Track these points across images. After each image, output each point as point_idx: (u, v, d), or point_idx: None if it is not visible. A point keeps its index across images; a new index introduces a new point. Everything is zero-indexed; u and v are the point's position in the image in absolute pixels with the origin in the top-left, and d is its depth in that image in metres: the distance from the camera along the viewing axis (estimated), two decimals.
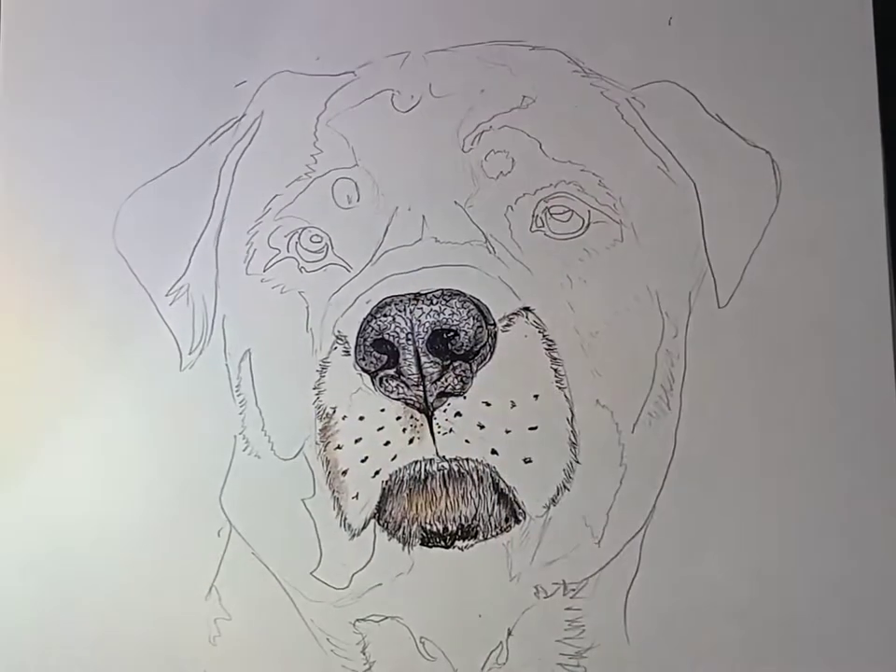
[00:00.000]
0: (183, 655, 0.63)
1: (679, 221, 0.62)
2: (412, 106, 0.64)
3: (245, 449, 0.63)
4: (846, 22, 0.63)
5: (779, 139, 0.62)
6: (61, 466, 0.64)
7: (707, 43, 0.63)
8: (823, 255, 0.62)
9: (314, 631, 0.62)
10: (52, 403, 0.65)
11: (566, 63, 0.64)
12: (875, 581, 0.60)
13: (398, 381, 0.59)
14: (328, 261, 0.63)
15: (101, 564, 0.63)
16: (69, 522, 0.64)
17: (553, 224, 0.62)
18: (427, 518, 0.60)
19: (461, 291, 0.61)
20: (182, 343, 0.64)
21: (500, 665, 0.61)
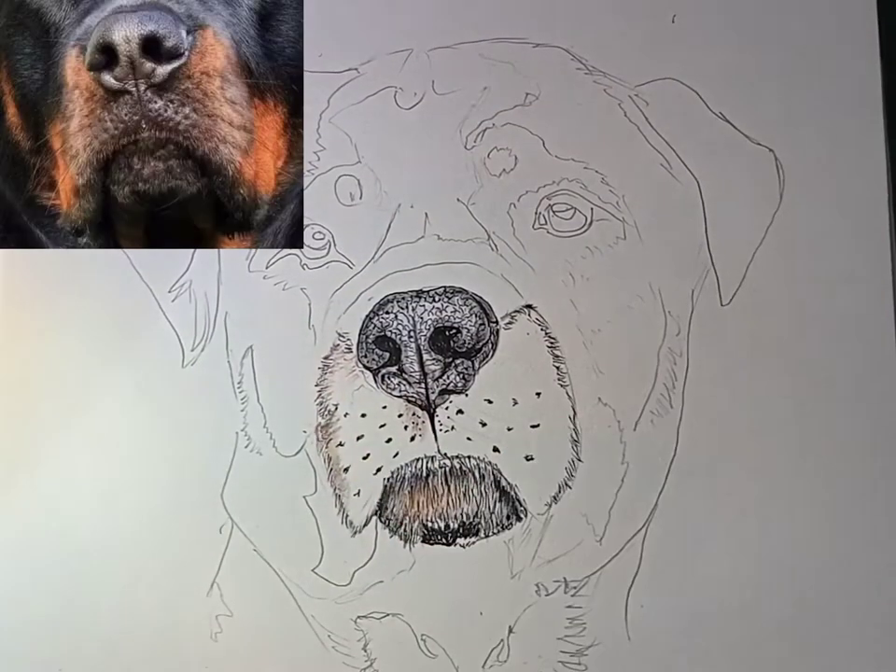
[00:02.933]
0: (185, 651, 0.63)
1: (682, 219, 0.62)
2: (415, 104, 0.64)
3: (247, 446, 0.63)
4: (850, 21, 0.63)
5: (783, 137, 0.62)
6: (63, 463, 0.64)
7: (710, 40, 0.63)
8: (826, 253, 0.62)
9: (315, 628, 0.62)
10: (55, 400, 0.65)
11: (569, 60, 0.64)
12: (875, 580, 0.60)
13: (400, 378, 0.59)
14: (330, 258, 0.63)
15: (103, 560, 0.64)
16: (71, 518, 0.64)
17: (555, 222, 0.62)
18: (428, 515, 0.60)
19: (463, 289, 0.61)
20: (184, 340, 0.64)
21: (501, 662, 0.61)
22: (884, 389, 0.60)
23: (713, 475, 0.61)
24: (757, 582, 0.60)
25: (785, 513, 0.60)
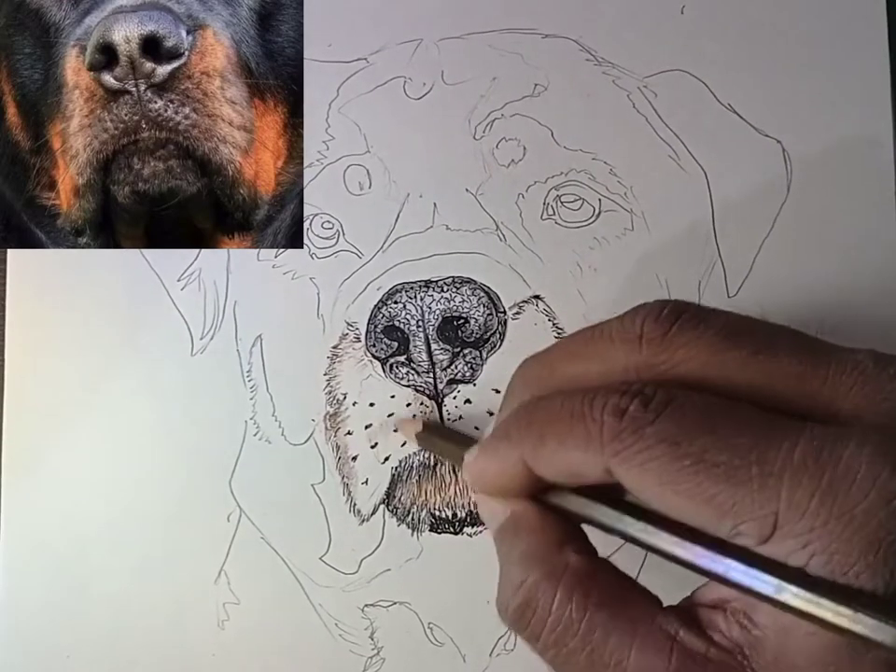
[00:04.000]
0: (192, 639, 0.63)
1: (690, 210, 0.63)
2: (424, 94, 0.64)
3: (256, 434, 0.63)
4: (859, 12, 0.63)
5: (791, 129, 0.62)
6: (71, 451, 0.64)
7: (719, 32, 0.63)
8: (834, 246, 0.62)
9: (322, 616, 0.62)
10: (62, 388, 0.65)
11: (578, 51, 0.64)
12: None
13: (408, 368, 0.59)
14: (339, 248, 0.63)
15: (110, 547, 0.64)
16: (79, 505, 0.64)
17: (563, 212, 0.62)
18: (436, 504, 0.61)
19: (472, 279, 0.61)
20: (193, 328, 0.64)
21: (508, 651, 0.61)
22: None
23: None
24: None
25: None
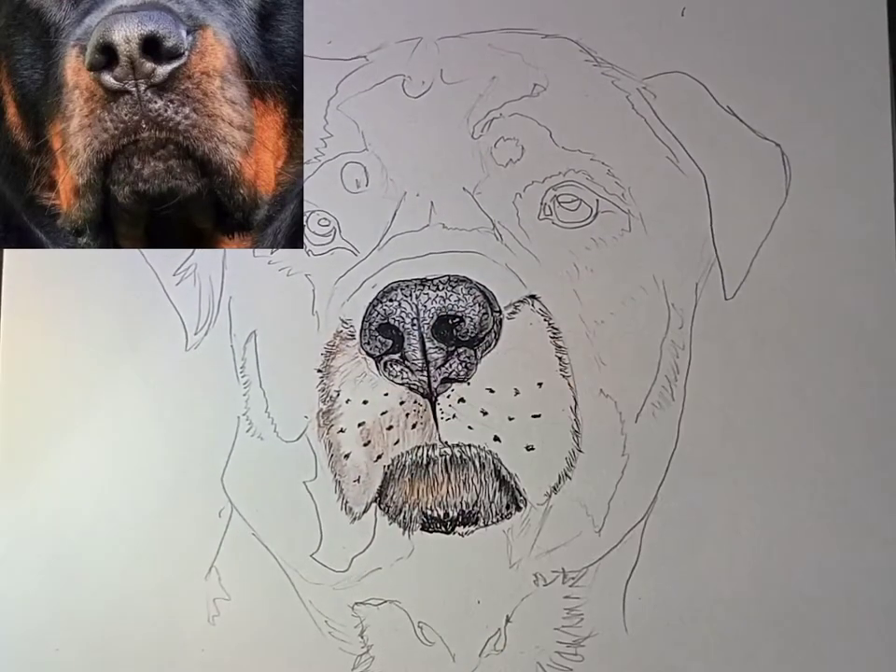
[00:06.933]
0: (182, 634, 0.63)
1: (688, 212, 0.62)
2: (422, 92, 0.64)
3: (249, 430, 0.63)
4: (859, 16, 0.63)
5: (789, 132, 0.62)
6: (64, 447, 0.64)
7: (719, 34, 0.63)
8: (831, 248, 0.61)
9: (312, 613, 0.62)
10: (58, 382, 0.65)
11: (577, 51, 0.64)
12: (874, 575, 0.59)
13: (402, 366, 0.59)
14: (335, 245, 0.63)
15: (103, 541, 0.64)
16: (71, 500, 0.64)
17: (560, 212, 0.62)
18: (428, 503, 0.60)
19: (467, 278, 0.61)
20: (188, 324, 0.64)
21: (498, 651, 0.61)
22: (887, 383, 0.60)
23: (713, 468, 0.61)
24: (755, 575, 0.60)
25: (784, 507, 0.60)
